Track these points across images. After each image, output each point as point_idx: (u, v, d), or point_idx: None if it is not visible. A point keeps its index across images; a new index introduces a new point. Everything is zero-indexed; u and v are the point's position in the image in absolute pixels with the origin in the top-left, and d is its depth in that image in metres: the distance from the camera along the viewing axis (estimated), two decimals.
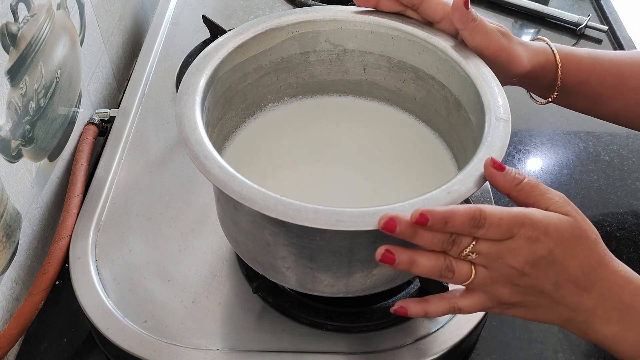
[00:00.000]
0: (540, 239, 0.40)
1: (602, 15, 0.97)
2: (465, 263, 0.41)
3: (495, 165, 0.41)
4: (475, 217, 0.39)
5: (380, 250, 0.40)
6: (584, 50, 0.59)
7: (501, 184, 0.42)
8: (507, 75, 0.55)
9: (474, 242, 0.40)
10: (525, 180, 0.42)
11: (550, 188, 0.42)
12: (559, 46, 0.58)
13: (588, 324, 0.43)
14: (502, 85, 0.56)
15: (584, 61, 0.58)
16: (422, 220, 0.38)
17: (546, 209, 0.41)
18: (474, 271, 0.41)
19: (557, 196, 0.42)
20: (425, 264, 0.40)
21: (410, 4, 0.52)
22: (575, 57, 0.58)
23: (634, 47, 0.90)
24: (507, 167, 0.42)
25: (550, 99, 0.60)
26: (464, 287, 0.43)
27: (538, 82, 0.58)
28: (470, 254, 0.40)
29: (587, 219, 0.42)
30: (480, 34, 0.51)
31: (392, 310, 0.44)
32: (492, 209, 0.39)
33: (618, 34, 0.92)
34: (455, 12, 0.50)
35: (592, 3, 1.01)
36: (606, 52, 0.60)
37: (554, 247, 0.40)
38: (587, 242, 0.42)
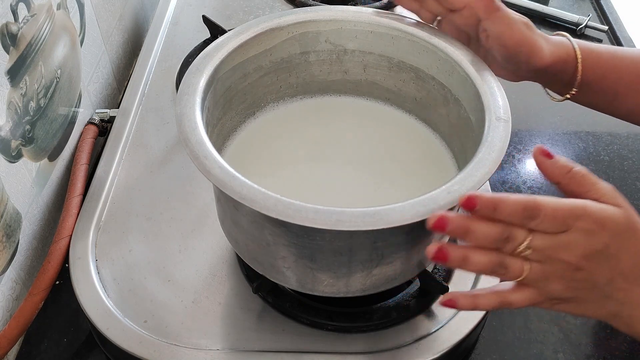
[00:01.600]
0: (596, 232, 0.38)
1: (602, 15, 0.98)
2: (518, 259, 0.39)
3: (544, 153, 0.40)
4: (528, 206, 0.37)
5: (432, 248, 0.38)
6: (603, 46, 0.58)
7: (550, 172, 0.41)
8: (527, 67, 0.54)
9: (529, 238, 0.38)
10: (575, 169, 0.40)
11: (598, 178, 0.41)
12: (579, 41, 0.57)
13: (636, 318, 0.42)
14: (520, 79, 0.56)
15: (603, 57, 0.57)
16: (468, 204, 0.37)
17: (597, 200, 0.40)
18: (527, 267, 0.40)
19: (608, 186, 0.40)
20: (478, 261, 0.39)
21: None
22: (595, 53, 0.57)
23: (634, 47, 0.90)
24: (555, 155, 0.40)
25: (568, 96, 0.58)
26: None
27: (557, 77, 0.57)
28: (525, 250, 0.39)
29: (635, 211, 0.41)
30: (504, 24, 0.51)
31: (440, 302, 0.42)
32: (548, 199, 0.38)
33: (618, 34, 0.92)
34: (479, 2, 0.50)
35: (592, 3, 1.01)
36: (626, 49, 0.59)
37: (609, 240, 0.39)
38: (638, 234, 0.40)
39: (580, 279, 0.40)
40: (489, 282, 0.55)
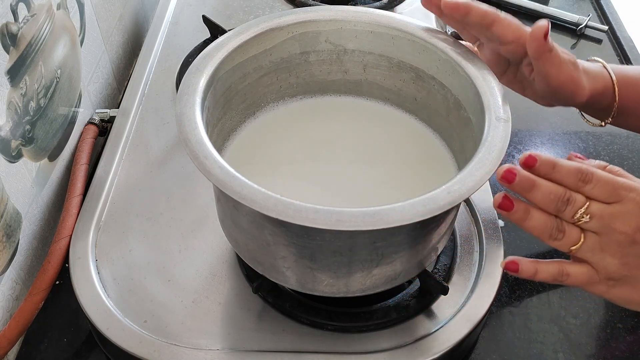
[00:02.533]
0: None
1: (602, 15, 0.98)
2: (575, 228, 0.41)
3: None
4: (582, 170, 0.40)
5: (499, 197, 0.40)
6: (636, 68, 0.59)
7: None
8: (566, 102, 0.55)
9: (587, 204, 0.40)
10: (608, 167, 0.43)
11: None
12: (615, 68, 0.57)
13: None
14: (554, 106, 0.57)
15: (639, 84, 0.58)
16: (530, 161, 0.39)
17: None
18: (583, 236, 0.41)
19: None
20: (539, 219, 0.40)
21: (479, 25, 0.50)
22: (632, 80, 0.57)
23: (634, 48, 0.90)
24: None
25: (603, 124, 0.59)
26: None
27: (593, 107, 0.58)
28: (584, 216, 0.40)
29: None
30: (553, 66, 0.51)
31: (502, 264, 0.43)
32: (599, 171, 0.40)
33: (618, 34, 0.92)
34: (533, 43, 0.49)
35: (592, 3, 1.01)
36: None
37: None
38: None
39: (635, 253, 0.41)
40: (488, 283, 0.55)
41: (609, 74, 0.56)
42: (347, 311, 0.53)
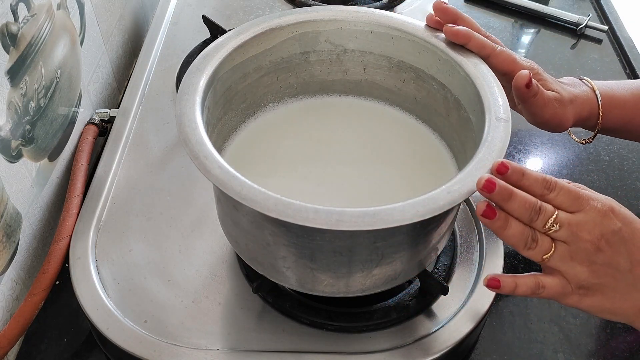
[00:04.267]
0: (609, 215, 0.42)
1: (602, 15, 0.97)
2: (546, 237, 0.43)
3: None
4: (546, 179, 0.42)
5: (482, 205, 0.42)
6: (628, 89, 0.61)
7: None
8: (551, 130, 0.59)
9: (556, 213, 0.42)
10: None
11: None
12: (603, 90, 0.59)
13: None
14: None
15: (628, 105, 0.60)
16: (502, 169, 0.41)
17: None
18: (553, 246, 0.43)
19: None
20: (516, 228, 0.42)
21: (479, 54, 0.52)
22: (620, 102, 0.60)
23: (634, 48, 0.90)
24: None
25: (584, 141, 0.64)
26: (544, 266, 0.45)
27: (579, 127, 0.61)
28: (553, 225, 0.42)
29: None
30: (539, 107, 0.55)
31: (484, 283, 0.45)
32: (560, 180, 0.43)
33: (618, 34, 0.92)
34: (517, 91, 0.53)
35: (592, 3, 1.01)
36: None
37: (621, 225, 0.42)
38: None
39: (603, 261, 0.43)
40: None
41: (597, 98, 0.59)
42: (347, 311, 0.53)
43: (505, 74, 0.54)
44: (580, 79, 0.61)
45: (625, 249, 0.43)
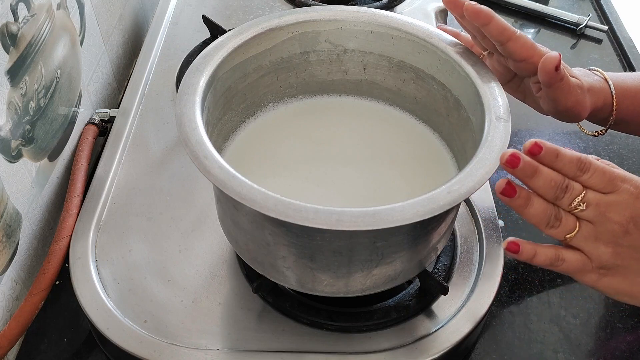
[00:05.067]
0: None
1: (602, 15, 0.97)
2: (571, 216, 0.42)
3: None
4: (581, 159, 0.41)
5: (502, 183, 0.41)
6: (637, 79, 0.59)
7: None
8: (569, 120, 0.56)
9: (584, 192, 0.41)
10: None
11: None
12: (615, 79, 0.58)
13: None
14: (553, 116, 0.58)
15: (639, 95, 0.58)
16: (535, 149, 0.40)
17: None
18: (578, 225, 0.42)
19: None
20: (539, 206, 0.41)
21: (495, 39, 0.51)
22: (630, 92, 0.58)
23: (634, 47, 0.90)
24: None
25: (596, 133, 0.61)
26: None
27: (592, 119, 0.59)
28: (580, 204, 0.41)
29: None
30: (564, 92, 0.52)
31: (504, 244, 0.43)
32: (596, 161, 0.42)
33: (618, 33, 0.92)
34: (544, 74, 0.50)
35: (592, 3, 1.01)
36: None
37: None
38: None
39: (629, 244, 0.42)
40: (488, 284, 0.55)
41: (610, 88, 0.57)
42: (347, 311, 0.53)
43: (524, 60, 0.51)
44: (590, 70, 0.59)
45: None
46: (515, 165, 0.40)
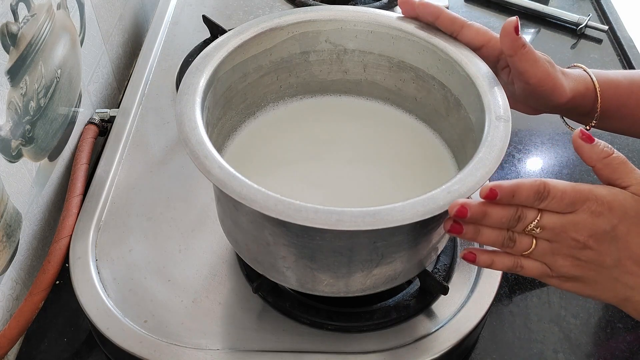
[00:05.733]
0: (603, 213, 0.41)
1: (602, 15, 0.98)
2: (527, 236, 0.42)
3: (583, 137, 0.42)
4: (539, 190, 0.40)
5: (448, 223, 0.42)
6: (620, 73, 0.59)
7: (588, 156, 0.43)
8: (548, 104, 0.55)
9: (538, 218, 0.41)
10: (614, 155, 0.43)
11: (634, 167, 0.43)
12: (596, 72, 0.57)
13: None
14: (539, 113, 0.57)
15: (621, 85, 0.58)
16: (491, 195, 0.40)
17: (625, 187, 0.42)
18: (534, 243, 0.42)
19: None
20: (490, 235, 0.42)
21: (449, 31, 0.52)
22: (613, 83, 0.57)
23: (634, 47, 0.90)
24: (596, 139, 0.42)
25: (588, 127, 0.59)
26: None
27: (577, 110, 0.58)
28: (535, 229, 0.41)
29: None
30: (530, 61, 0.51)
31: (460, 255, 0.44)
32: (556, 182, 0.41)
33: (618, 33, 0.92)
34: (505, 38, 0.50)
35: (592, 3, 1.01)
36: None
37: (617, 222, 0.41)
38: None
39: (588, 258, 0.42)
40: (488, 283, 0.55)
41: (590, 77, 0.57)
42: (347, 311, 0.53)
43: (483, 46, 0.52)
44: (569, 67, 0.59)
45: (615, 246, 0.42)
46: (464, 216, 0.40)
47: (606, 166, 0.43)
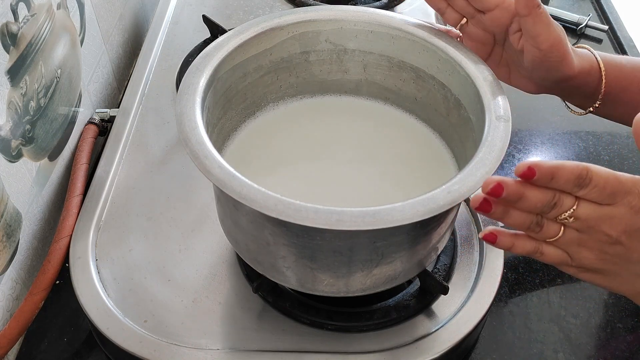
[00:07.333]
0: None
1: (602, 15, 0.97)
2: (556, 223, 0.40)
3: None
4: (582, 175, 0.37)
5: (478, 199, 0.39)
6: (624, 58, 0.58)
7: None
8: (555, 75, 0.53)
9: (574, 207, 0.39)
10: None
11: None
12: (600, 53, 0.56)
13: None
14: (541, 90, 0.56)
15: (625, 69, 0.56)
16: (529, 174, 0.37)
17: None
18: (562, 231, 0.40)
19: None
20: (517, 218, 0.39)
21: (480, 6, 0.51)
22: (617, 65, 0.56)
23: (634, 47, 0.90)
24: None
25: (592, 109, 0.58)
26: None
27: (580, 89, 0.56)
28: (568, 218, 0.39)
29: None
30: (543, 23, 0.50)
31: (480, 235, 0.42)
32: (599, 169, 0.38)
33: (618, 33, 0.92)
34: None
35: (592, 3, 1.01)
36: None
37: None
38: None
39: (615, 253, 0.40)
40: (488, 284, 0.55)
41: (595, 57, 0.55)
42: (347, 311, 0.53)
43: (496, 7, 0.51)
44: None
45: None
46: (498, 195, 0.38)
47: None
